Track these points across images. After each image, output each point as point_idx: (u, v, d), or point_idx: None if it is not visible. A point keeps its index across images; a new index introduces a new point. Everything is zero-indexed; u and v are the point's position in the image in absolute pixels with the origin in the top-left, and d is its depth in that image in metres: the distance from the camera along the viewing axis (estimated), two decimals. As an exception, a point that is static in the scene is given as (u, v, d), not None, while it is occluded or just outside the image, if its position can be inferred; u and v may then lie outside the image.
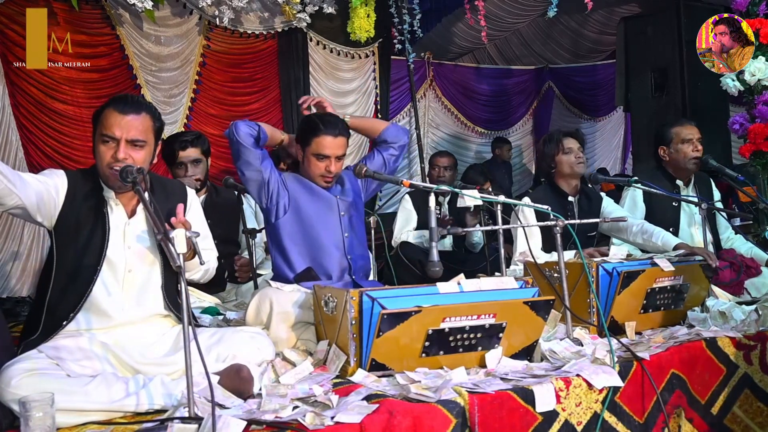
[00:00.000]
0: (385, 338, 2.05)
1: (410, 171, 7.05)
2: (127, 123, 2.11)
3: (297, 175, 2.82)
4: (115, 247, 2.16)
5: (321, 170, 2.72)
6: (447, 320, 2.09)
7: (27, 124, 4.52)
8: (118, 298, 2.16)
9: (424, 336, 2.09)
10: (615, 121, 8.54)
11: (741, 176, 3.52)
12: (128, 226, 2.20)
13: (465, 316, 2.10)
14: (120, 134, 2.10)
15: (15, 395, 1.80)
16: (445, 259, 2.67)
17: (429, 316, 2.06)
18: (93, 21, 4.75)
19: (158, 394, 1.92)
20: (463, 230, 2.73)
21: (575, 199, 3.39)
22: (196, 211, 2.40)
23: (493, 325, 2.16)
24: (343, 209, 2.78)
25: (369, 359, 2.08)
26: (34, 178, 2.08)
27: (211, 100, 5.34)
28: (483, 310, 2.13)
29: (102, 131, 2.12)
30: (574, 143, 3.39)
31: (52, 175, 2.15)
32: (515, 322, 2.20)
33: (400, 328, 2.04)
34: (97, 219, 2.16)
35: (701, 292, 2.88)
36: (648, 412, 2.25)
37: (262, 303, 2.48)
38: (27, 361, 1.93)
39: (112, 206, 2.19)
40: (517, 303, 2.18)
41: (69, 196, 2.13)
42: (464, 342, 2.15)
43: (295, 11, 5.35)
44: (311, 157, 2.72)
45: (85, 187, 2.18)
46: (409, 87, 6.87)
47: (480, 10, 5.30)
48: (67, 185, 2.14)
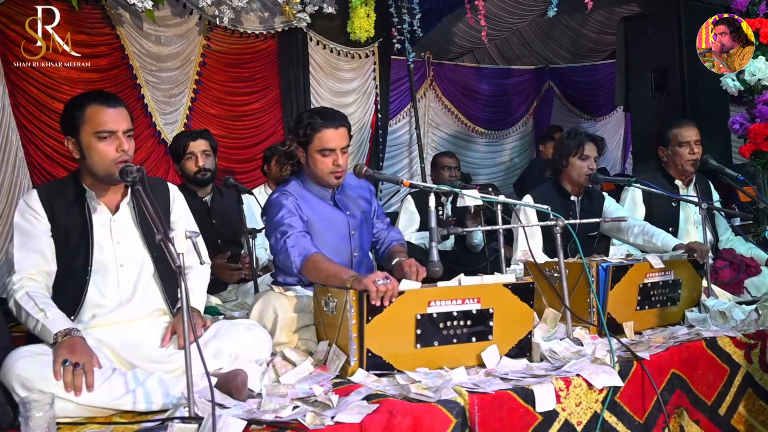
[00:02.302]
0: (375, 325, 2.08)
1: (410, 171, 7.05)
2: (118, 115, 2.13)
3: (307, 193, 2.63)
4: (103, 246, 2.18)
5: (329, 166, 2.55)
6: (433, 304, 2.16)
7: (27, 124, 4.52)
8: (114, 294, 2.18)
9: (414, 322, 2.13)
10: (615, 121, 8.54)
11: (741, 176, 3.52)
12: (113, 222, 2.22)
13: (449, 300, 2.18)
14: (116, 127, 2.12)
15: (20, 377, 1.82)
16: (446, 260, 2.68)
17: (414, 300, 2.14)
18: (93, 21, 4.75)
19: (157, 393, 1.92)
20: (463, 230, 2.73)
21: (578, 199, 3.39)
22: (182, 208, 2.41)
23: (481, 311, 2.22)
24: (353, 227, 2.66)
25: (365, 351, 2.09)
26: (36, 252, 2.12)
27: (211, 100, 5.34)
28: (466, 294, 2.20)
29: (96, 128, 2.11)
30: (594, 152, 3.32)
31: (28, 215, 2.15)
32: (502, 309, 2.25)
33: (388, 312, 2.09)
34: (83, 224, 2.17)
35: (696, 288, 2.88)
36: (648, 412, 2.25)
37: (265, 309, 2.44)
38: (34, 346, 1.96)
39: (95, 207, 2.20)
40: (498, 286, 2.26)
41: (48, 213, 2.15)
42: (456, 330, 2.20)
43: (295, 11, 5.35)
44: (316, 155, 2.55)
45: (63, 196, 2.19)
46: (409, 87, 6.87)
47: (480, 10, 5.30)
48: (42, 206, 2.15)
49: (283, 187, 2.62)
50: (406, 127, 7.06)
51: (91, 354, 1.92)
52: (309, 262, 2.39)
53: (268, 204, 2.61)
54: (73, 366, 1.84)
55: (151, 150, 5.01)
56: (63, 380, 1.82)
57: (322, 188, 2.64)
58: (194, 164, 3.52)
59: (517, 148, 8.13)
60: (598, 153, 3.35)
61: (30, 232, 2.13)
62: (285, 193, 2.58)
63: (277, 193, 2.60)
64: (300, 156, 2.63)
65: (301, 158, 2.63)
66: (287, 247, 2.44)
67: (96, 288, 2.16)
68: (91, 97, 2.16)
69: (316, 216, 2.59)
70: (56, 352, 1.88)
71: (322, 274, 2.34)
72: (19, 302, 2.02)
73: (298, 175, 2.68)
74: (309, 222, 2.56)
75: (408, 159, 7.11)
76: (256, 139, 5.53)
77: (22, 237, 2.14)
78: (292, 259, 2.42)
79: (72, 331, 1.95)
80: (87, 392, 1.85)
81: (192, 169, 3.52)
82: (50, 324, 1.96)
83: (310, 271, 2.40)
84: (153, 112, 5.02)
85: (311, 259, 2.39)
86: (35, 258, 2.11)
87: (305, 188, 2.64)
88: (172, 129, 5.11)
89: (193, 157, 3.52)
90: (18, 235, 2.14)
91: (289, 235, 2.45)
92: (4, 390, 1.86)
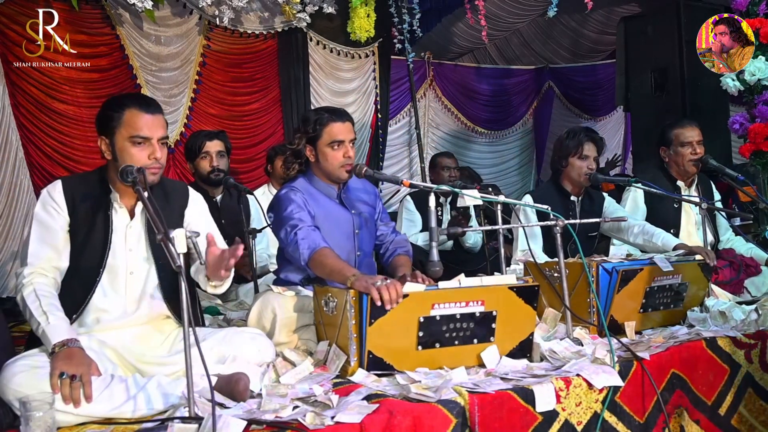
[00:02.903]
0: (377, 327, 2.07)
1: (410, 171, 7.05)
2: (155, 122, 2.13)
3: (314, 190, 2.67)
4: (117, 251, 2.16)
5: (340, 159, 2.60)
6: (436, 307, 2.13)
7: (27, 124, 4.52)
8: (120, 300, 2.16)
9: (417, 325, 2.11)
10: (615, 121, 8.53)
11: (741, 176, 3.51)
12: (129, 228, 2.20)
13: (453, 302, 2.15)
14: (151, 134, 2.11)
15: (17, 393, 1.79)
16: (445, 259, 2.68)
17: (417, 303, 2.11)
18: (93, 21, 4.75)
19: (156, 397, 1.90)
20: (463, 230, 2.73)
21: (578, 199, 3.39)
22: (202, 211, 2.38)
23: (484, 314, 2.20)
24: (357, 226, 2.69)
25: (366, 353, 2.08)
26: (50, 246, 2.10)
27: (212, 100, 5.35)
28: (470, 296, 2.17)
29: (132, 133, 2.10)
30: (593, 152, 3.32)
31: (48, 206, 2.12)
32: (506, 311, 2.23)
33: (391, 315, 2.07)
34: (103, 222, 2.15)
35: (700, 291, 2.88)
36: (648, 412, 2.25)
37: (264, 309, 2.44)
38: (29, 358, 1.93)
39: (117, 209, 2.19)
40: (503, 289, 2.23)
41: (69, 208, 2.13)
42: (458, 333, 2.18)
43: (294, 11, 5.35)
44: (326, 149, 2.60)
45: (87, 191, 2.17)
46: (409, 87, 6.86)
47: (480, 10, 5.30)
48: (64, 199, 2.13)
49: (291, 183, 2.67)
50: (406, 127, 7.05)
51: (89, 364, 1.90)
52: (317, 255, 2.40)
53: (276, 199, 2.64)
54: (71, 378, 1.82)
55: (151, 150, 5.00)
56: (61, 393, 1.80)
57: (329, 186, 2.68)
58: (208, 164, 3.58)
59: (517, 148, 8.12)
60: (598, 153, 3.35)
61: (48, 225, 2.11)
62: (293, 188, 2.62)
63: (286, 188, 2.64)
64: (309, 154, 2.66)
65: (309, 156, 2.67)
66: (297, 239, 2.46)
67: (102, 292, 2.14)
68: (131, 99, 2.16)
69: (322, 213, 2.63)
70: (53, 363, 1.86)
71: (326, 269, 2.35)
72: (26, 299, 2.00)
73: (305, 174, 2.71)
74: (315, 219, 2.59)
75: (408, 159, 7.10)
76: (256, 139, 5.54)
77: (40, 228, 2.12)
78: (300, 251, 2.43)
79: (70, 342, 1.92)
80: (86, 403, 1.83)
81: (206, 169, 3.58)
82: (50, 331, 1.94)
83: (316, 264, 2.41)
84: (153, 112, 5.02)
85: (320, 253, 2.40)
86: (48, 252, 2.09)
87: (312, 185, 2.68)
88: (173, 129, 5.10)
89: (208, 157, 3.58)
90: (36, 226, 2.12)
91: (299, 228, 2.48)
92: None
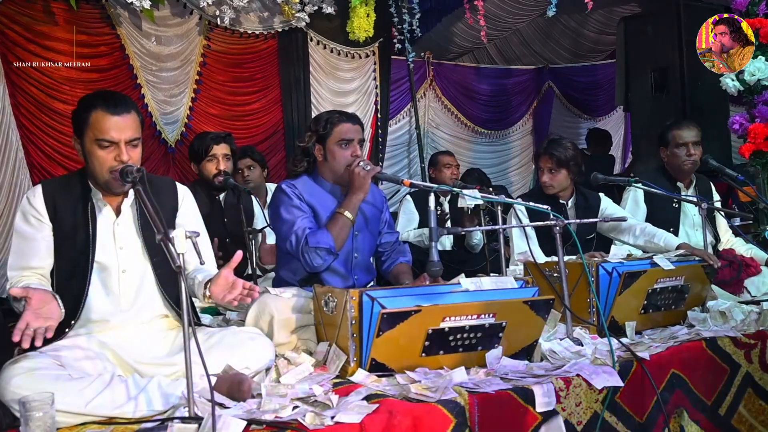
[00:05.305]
0: (385, 338, 2.04)
1: (410, 171, 7.05)
2: (122, 124, 2.07)
3: (318, 188, 2.71)
4: (106, 249, 2.15)
5: (347, 158, 2.64)
6: (447, 320, 2.09)
7: (27, 124, 4.52)
8: (115, 300, 2.15)
9: (424, 336, 2.09)
10: (615, 121, 8.53)
11: (741, 176, 3.52)
12: (117, 226, 2.18)
13: (465, 315, 2.10)
14: (118, 136, 2.06)
15: (16, 395, 1.78)
16: (445, 259, 2.68)
17: (429, 316, 2.06)
18: (93, 21, 4.75)
19: (157, 397, 1.89)
20: (463, 230, 2.73)
21: (571, 202, 3.37)
22: (190, 209, 2.37)
23: (493, 325, 2.16)
24: (357, 228, 2.70)
25: (369, 359, 2.08)
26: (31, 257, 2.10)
27: (212, 100, 5.35)
28: (483, 310, 2.13)
29: (97, 136, 2.06)
30: (546, 162, 3.30)
31: (29, 216, 2.11)
32: (515, 322, 2.20)
33: (400, 328, 2.04)
34: (86, 223, 2.14)
35: (702, 292, 2.88)
36: (648, 412, 2.25)
37: (261, 312, 2.43)
38: (28, 360, 1.92)
39: (100, 207, 2.17)
40: (517, 303, 2.18)
41: (51, 213, 2.12)
42: (464, 342, 2.15)
43: (294, 11, 5.35)
44: (334, 148, 2.65)
45: (68, 193, 2.16)
46: (409, 87, 6.86)
47: (480, 10, 5.29)
48: (44, 204, 2.12)
49: (292, 180, 2.71)
50: (406, 127, 7.05)
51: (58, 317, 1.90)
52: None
53: (274, 195, 2.72)
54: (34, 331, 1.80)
55: (151, 150, 5.01)
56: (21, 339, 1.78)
57: (334, 186, 2.72)
58: (214, 167, 3.57)
59: (516, 148, 8.12)
60: (554, 163, 3.29)
61: (28, 237, 2.11)
62: (291, 185, 2.68)
63: (284, 184, 2.69)
64: (317, 153, 2.70)
65: (318, 155, 2.71)
66: (310, 248, 2.55)
67: (97, 290, 2.13)
68: (99, 99, 2.10)
69: (323, 210, 2.66)
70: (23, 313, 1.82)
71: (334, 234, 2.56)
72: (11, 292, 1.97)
73: (311, 174, 2.75)
74: (315, 216, 2.65)
75: (408, 159, 7.10)
76: (256, 139, 5.53)
77: (20, 242, 2.12)
78: (320, 261, 2.57)
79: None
80: (90, 403, 1.82)
81: (211, 172, 3.57)
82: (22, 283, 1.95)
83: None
84: (153, 112, 5.03)
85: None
86: (29, 262, 2.10)
87: (316, 184, 2.72)
88: (173, 129, 5.11)
89: (215, 160, 3.57)
90: (16, 239, 2.13)
91: (308, 234, 2.56)
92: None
